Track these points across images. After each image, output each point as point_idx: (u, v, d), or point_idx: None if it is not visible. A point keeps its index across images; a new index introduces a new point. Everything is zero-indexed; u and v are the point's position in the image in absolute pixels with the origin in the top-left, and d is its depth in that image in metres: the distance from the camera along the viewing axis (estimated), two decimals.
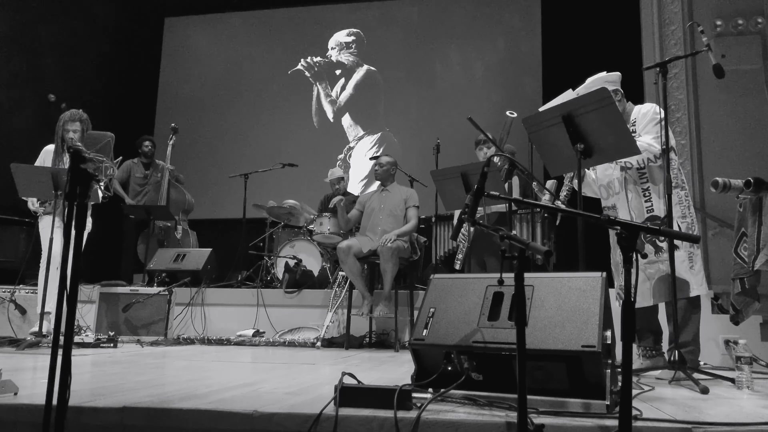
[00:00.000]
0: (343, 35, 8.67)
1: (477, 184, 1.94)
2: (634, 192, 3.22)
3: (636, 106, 3.32)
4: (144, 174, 6.58)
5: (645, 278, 3.20)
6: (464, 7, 8.23)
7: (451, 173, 3.75)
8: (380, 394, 1.87)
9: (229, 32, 8.91)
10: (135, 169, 6.56)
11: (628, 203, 3.23)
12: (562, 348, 1.91)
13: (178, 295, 5.17)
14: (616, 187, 3.30)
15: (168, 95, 8.89)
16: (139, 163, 6.59)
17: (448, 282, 2.28)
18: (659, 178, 3.14)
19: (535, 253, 1.68)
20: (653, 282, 3.17)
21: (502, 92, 7.93)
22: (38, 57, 7.12)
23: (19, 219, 5.96)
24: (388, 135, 8.25)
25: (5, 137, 6.49)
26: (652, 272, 3.17)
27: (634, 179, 3.21)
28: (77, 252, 1.66)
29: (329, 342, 4.77)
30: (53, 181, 4.02)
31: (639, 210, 3.20)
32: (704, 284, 3.12)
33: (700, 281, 3.10)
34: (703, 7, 5.49)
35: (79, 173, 1.68)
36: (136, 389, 2.24)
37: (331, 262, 5.75)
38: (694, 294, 3.09)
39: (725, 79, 3.52)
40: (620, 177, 3.27)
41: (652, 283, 3.17)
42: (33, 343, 3.96)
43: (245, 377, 2.75)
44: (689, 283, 3.09)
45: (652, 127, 3.14)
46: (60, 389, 1.56)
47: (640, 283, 3.20)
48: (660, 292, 3.14)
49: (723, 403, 2.24)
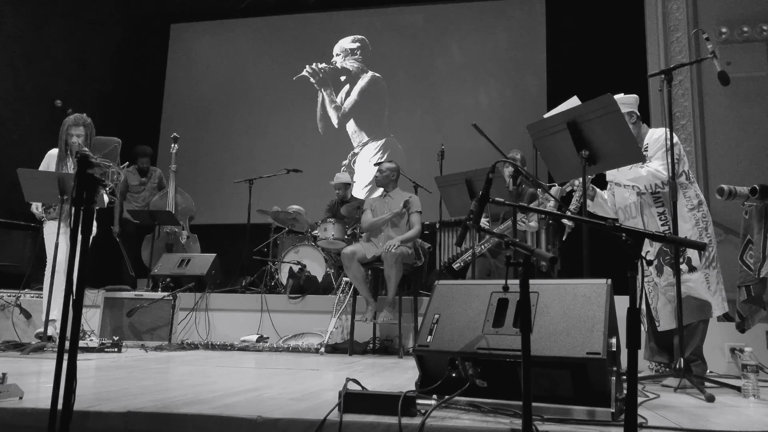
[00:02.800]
0: (348, 42, 8.70)
1: (482, 190, 1.94)
2: (649, 216, 3.22)
3: (650, 129, 3.31)
4: (140, 181, 6.61)
5: (666, 301, 3.18)
6: (468, 14, 8.26)
7: (455, 179, 3.75)
8: (384, 400, 1.86)
9: (234, 39, 8.96)
10: (131, 177, 6.58)
11: (645, 228, 3.21)
12: (567, 355, 1.91)
13: (182, 300, 5.17)
14: (632, 212, 3.30)
15: (174, 101, 8.93)
16: (134, 170, 6.61)
17: (452, 288, 2.28)
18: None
19: (540, 260, 1.68)
20: (674, 304, 3.15)
21: (506, 99, 7.94)
22: (45, 63, 7.16)
23: (24, 223, 5.98)
24: (392, 141, 8.26)
25: (12, 142, 6.53)
26: (672, 295, 3.13)
27: (649, 203, 3.21)
28: (83, 257, 1.67)
29: (333, 348, 4.76)
30: (59, 185, 4.04)
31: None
32: (724, 303, 3.14)
33: (719, 302, 3.11)
34: (708, 14, 5.49)
35: (86, 178, 1.69)
36: (140, 394, 2.24)
37: (335, 268, 5.75)
38: (716, 314, 3.12)
39: (730, 86, 3.52)
40: (636, 201, 3.27)
41: (674, 306, 3.15)
42: (38, 348, 3.96)
43: (249, 383, 2.75)
44: (710, 305, 3.10)
45: (661, 153, 3.14)
46: (65, 394, 1.57)
47: (661, 307, 3.20)
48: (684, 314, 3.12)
49: (729, 411, 2.23)
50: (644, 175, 3.10)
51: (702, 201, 3.21)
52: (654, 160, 3.15)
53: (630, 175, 3.14)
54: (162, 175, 6.68)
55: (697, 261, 3.10)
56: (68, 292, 1.64)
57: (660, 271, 3.19)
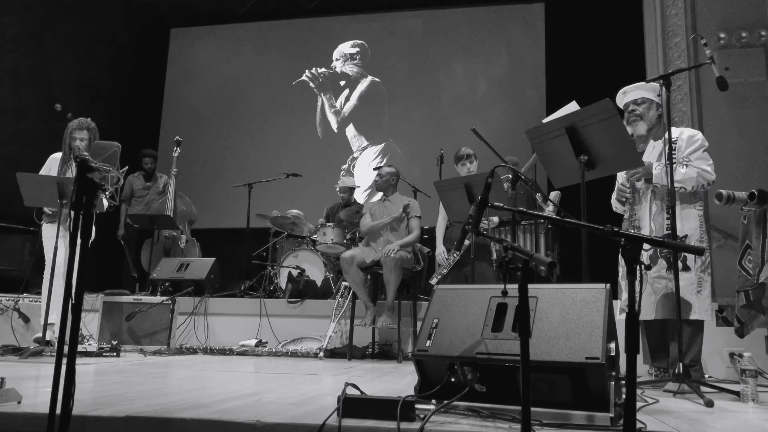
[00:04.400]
0: (347, 47, 8.72)
1: (481, 195, 1.94)
2: (659, 207, 3.22)
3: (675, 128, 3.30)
4: (145, 185, 6.62)
5: (651, 291, 3.19)
6: (468, 19, 8.28)
7: (454, 184, 3.76)
8: (383, 405, 1.86)
9: (234, 43, 8.98)
10: (135, 182, 6.61)
11: (651, 215, 3.23)
12: (565, 360, 1.91)
13: (181, 305, 5.17)
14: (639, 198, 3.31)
15: (173, 105, 8.95)
16: (139, 176, 6.63)
17: (451, 293, 2.28)
18: (690, 200, 3.19)
19: (539, 265, 1.68)
20: (658, 297, 3.16)
21: (505, 103, 7.96)
22: (44, 67, 7.18)
23: (23, 227, 5.97)
24: (391, 145, 8.28)
25: (11, 146, 6.54)
26: (659, 287, 3.17)
27: (662, 195, 3.21)
28: (83, 261, 1.67)
29: (332, 352, 4.75)
30: (58, 189, 4.04)
31: (660, 224, 3.20)
32: (708, 310, 3.14)
33: (704, 307, 3.11)
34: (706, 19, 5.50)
35: (86, 182, 1.69)
36: (139, 399, 2.24)
37: (335, 272, 5.75)
38: (694, 317, 3.10)
39: (729, 92, 3.53)
40: (643, 187, 3.27)
41: (657, 298, 3.17)
42: (36, 352, 3.95)
43: (248, 387, 2.75)
44: (692, 306, 3.10)
45: (702, 153, 3.19)
46: (64, 398, 1.56)
47: (645, 296, 3.19)
48: (664, 308, 3.14)
49: (728, 416, 2.23)
50: (694, 176, 3.11)
51: (701, 202, 3.25)
52: (697, 161, 3.17)
53: (677, 177, 3.10)
54: (167, 180, 6.67)
55: (692, 261, 3.13)
56: (68, 296, 1.64)
57: (654, 261, 3.20)
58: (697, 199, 3.23)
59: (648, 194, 3.27)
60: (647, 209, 3.26)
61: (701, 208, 3.24)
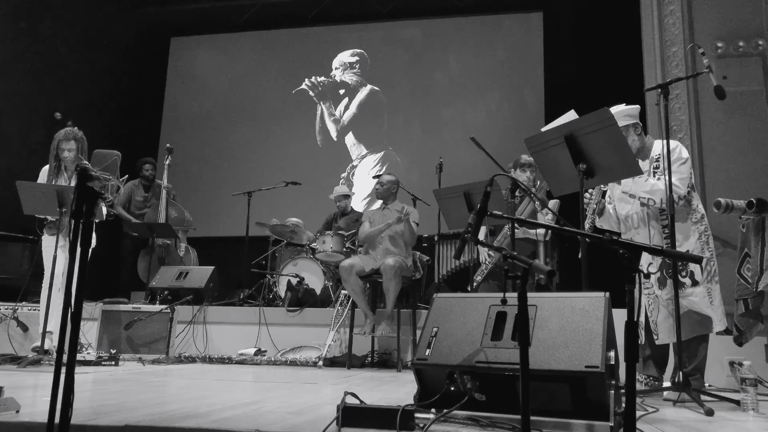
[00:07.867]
0: (347, 55, 8.75)
1: (480, 203, 1.95)
2: (656, 229, 3.21)
3: (656, 141, 3.31)
4: (144, 197, 6.60)
5: (668, 314, 3.17)
6: (467, 28, 8.32)
7: (453, 192, 3.76)
8: (383, 414, 1.86)
9: (234, 52, 9.01)
10: (135, 192, 6.59)
11: (650, 239, 3.20)
12: (565, 368, 1.90)
13: (180, 313, 5.15)
14: (634, 222, 3.29)
15: (173, 114, 8.96)
16: (140, 185, 6.61)
17: (450, 301, 2.28)
18: (683, 217, 3.16)
19: (538, 273, 1.69)
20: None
21: (504, 112, 7.98)
22: (44, 75, 7.20)
23: (22, 236, 5.97)
24: (391, 154, 8.29)
25: (11, 155, 6.54)
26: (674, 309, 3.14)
27: (655, 216, 3.21)
28: (82, 270, 1.67)
29: (331, 361, 4.74)
30: (58, 198, 4.04)
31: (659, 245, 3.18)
32: (724, 318, 3.14)
33: (720, 316, 3.11)
34: (704, 29, 5.53)
35: (86, 191, 1.69)
36: (137, 408, 2.23)
37: (334, 281, 5.74)
38: (717, 330, 3.11)
39: (726, 101, 3.55)
40: (640, 212, 3.26)
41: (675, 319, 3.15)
42: (35, 361, 3.94)
43: (247, 396, 2.74)
44: (712, 319, 3.10)
45: (677, 167, 3.12)
46: (62, 407, 1.56)
47: (662, 320, 3.18)
48: (684, 329, 3.12)
49: (728, 425, 2.22)
50: (662, 188, 3.09)
51: (703, 215, 3.22)
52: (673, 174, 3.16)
53: (647, 188, 3.13)
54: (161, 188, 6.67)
55: (700, 275, 3.10)
56: (67, 305, 1.63)
57: (663, 284, 3.18)
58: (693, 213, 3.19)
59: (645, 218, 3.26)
60: (646, 233, 3.24)
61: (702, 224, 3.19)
